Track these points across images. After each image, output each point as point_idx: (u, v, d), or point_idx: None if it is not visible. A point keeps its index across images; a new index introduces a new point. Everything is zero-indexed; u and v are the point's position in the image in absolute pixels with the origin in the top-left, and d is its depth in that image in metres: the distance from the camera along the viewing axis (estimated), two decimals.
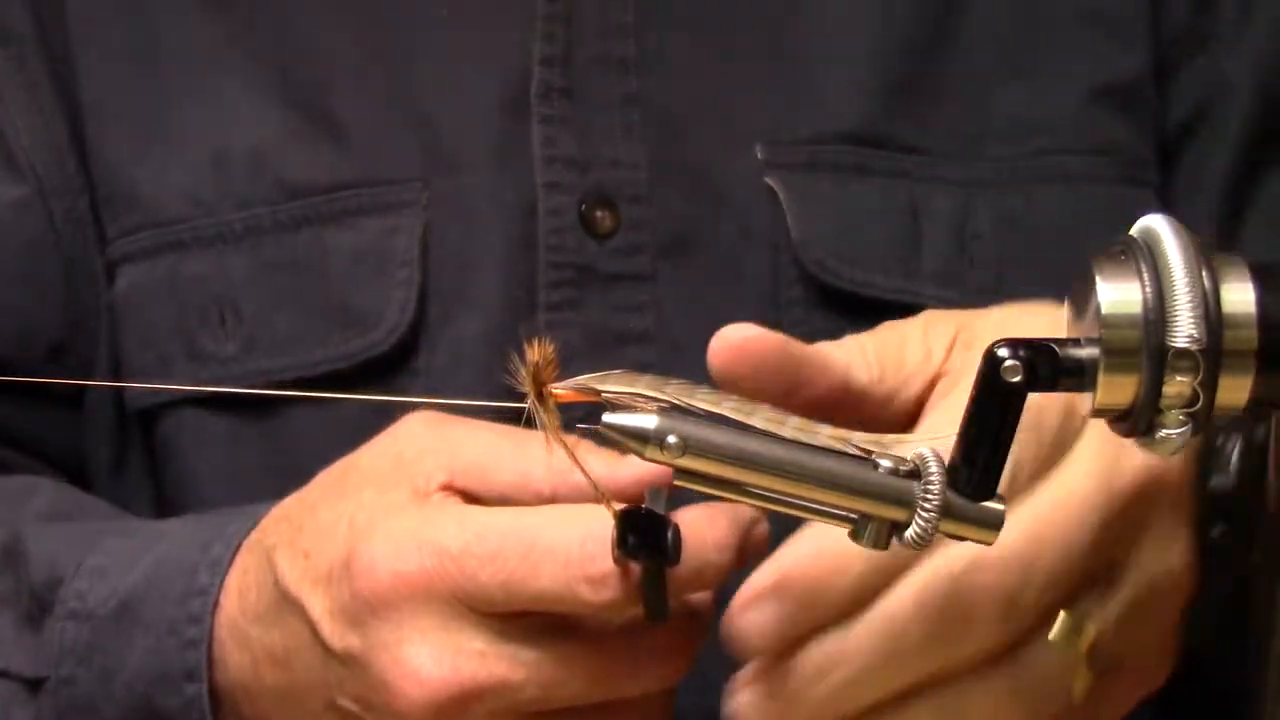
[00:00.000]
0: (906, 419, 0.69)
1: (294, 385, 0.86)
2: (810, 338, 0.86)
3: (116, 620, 0.76)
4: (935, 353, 0.70)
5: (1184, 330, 0.55)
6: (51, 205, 0.90)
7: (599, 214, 0.87)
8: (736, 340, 0.68)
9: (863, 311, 0.87)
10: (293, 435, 0.86)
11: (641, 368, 0.64)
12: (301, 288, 0.86)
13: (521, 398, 0.62)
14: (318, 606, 0.69)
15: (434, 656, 0.66)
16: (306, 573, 0.70)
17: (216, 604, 0.74)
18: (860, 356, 0.70)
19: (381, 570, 0.66)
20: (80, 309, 0.91)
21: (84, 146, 0.90)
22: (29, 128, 0.90)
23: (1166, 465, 0.67)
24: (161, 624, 0.75)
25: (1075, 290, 0.58)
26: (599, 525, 0.65)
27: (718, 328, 0.86)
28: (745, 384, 0.66)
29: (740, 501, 0.60)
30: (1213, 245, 0.56)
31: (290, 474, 0.82)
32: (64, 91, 0.90)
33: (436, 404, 0.73)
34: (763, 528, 0.67)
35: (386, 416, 0.85)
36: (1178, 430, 0.56)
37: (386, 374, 0.86)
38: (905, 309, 0.87)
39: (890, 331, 0.72)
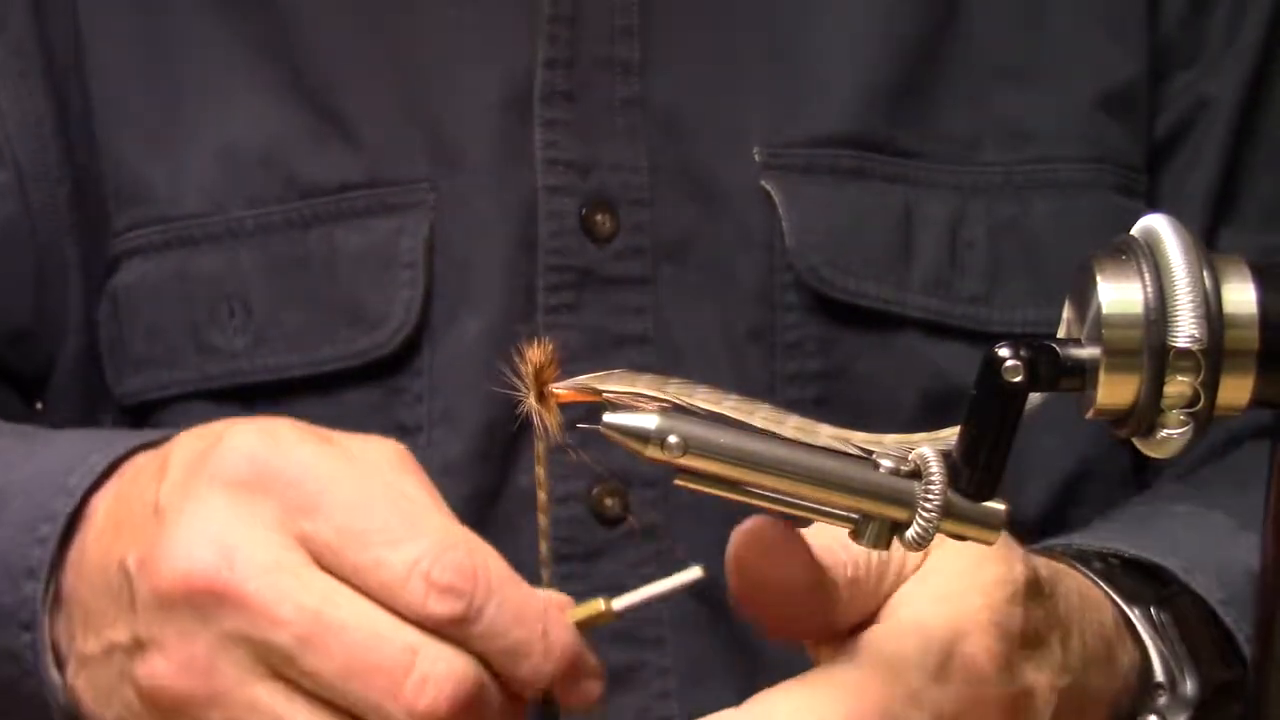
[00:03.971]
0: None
1: (301, 382, 0.86)
2: (803, 343, 0.87)
3: None
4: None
5: (1185, 330, 0.54)
6: (29, 192, 0.90)
7: (599, 218, 0.87)
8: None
9: (854, 319, 0.87)
10: None
11: (640, 370, 0.64)
12: (311, 286, 0.87)
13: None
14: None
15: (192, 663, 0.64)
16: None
17: (81, 511, 0.72)
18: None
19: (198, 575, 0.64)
20: (48, 298, 0.91)
21: (70, 136, 0.90)
22: (14, 114, 0.90)
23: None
24: (21, 520, 0.73)
25: (1076, 290, 0.58)
26: (444, 660, 0.63)
27: (715, 331, 0.87)
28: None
29: (741, 501, 0.60)
30: None
31: None
32: (56, 82, 0.90)
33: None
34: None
35: (389, 413, 0.86)
36: (1179, 430, 0.56)
37: (389, 373, 0.86)
38: (894, 319, 0.87)
39: None
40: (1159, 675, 0.74)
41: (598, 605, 0.67)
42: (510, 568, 0.65)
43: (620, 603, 0.67)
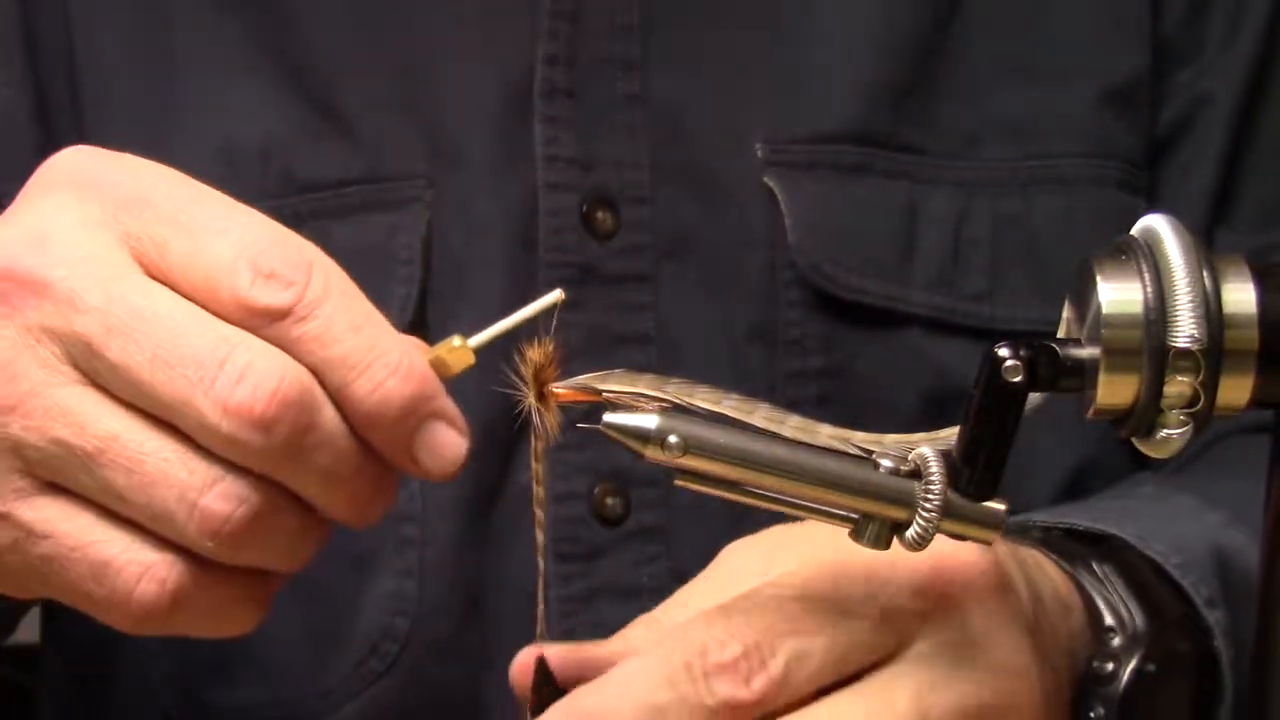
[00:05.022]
0: None
1: None
2: (805, 340, 0.87)
3: None
4: None
5: (1185, 330, 0.55)
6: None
7: (600, 215, 0.87)
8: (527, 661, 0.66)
9: (856, 316, 0.87)
10: None
11: (640, 368, 0.64)
12: None
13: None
14: None
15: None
16: None
17: None
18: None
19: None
20: None
21: (49, 130, 0.89)
22: None
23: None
24: None
25: (1076, 290, 0.58)
26: (265, 355, 0.58)
27: (716, 328, 0.87)
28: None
29: (741, 500, 0.60)
30: None
31: None
32: (39, 74, 0.89)
33: None
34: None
35: None
36: (1179, 430, 0.56)
37: None
38: (896, 316, 0.87)
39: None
40: (1108, 620, 0.73)
41: (451, 342, 0.62)
42: (354, 284, 0.60)
43: (476, 339, 0.63)
